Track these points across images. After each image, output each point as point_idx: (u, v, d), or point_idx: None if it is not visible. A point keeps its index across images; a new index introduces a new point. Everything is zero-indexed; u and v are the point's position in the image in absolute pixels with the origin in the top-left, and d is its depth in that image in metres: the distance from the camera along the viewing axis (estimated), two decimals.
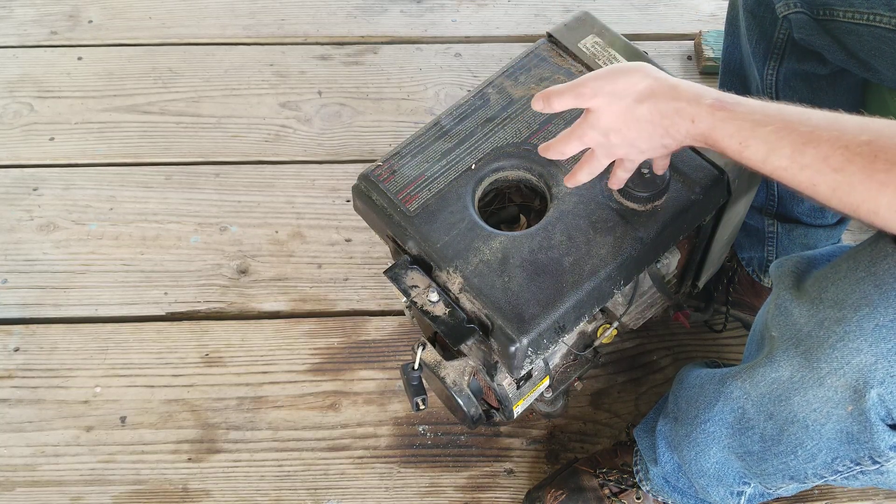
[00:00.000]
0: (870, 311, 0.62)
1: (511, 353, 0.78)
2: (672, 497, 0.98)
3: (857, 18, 0.86)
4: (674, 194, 0.85)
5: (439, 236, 0.83)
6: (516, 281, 0.80)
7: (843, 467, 0.72)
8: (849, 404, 0.66)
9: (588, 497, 1.03)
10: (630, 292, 0.93)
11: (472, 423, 0.96)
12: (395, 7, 1.75)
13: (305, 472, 1.14)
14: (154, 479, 1.14)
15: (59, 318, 1.30)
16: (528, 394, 0.94)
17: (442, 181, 0.87)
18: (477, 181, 0.87)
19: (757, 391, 0.75)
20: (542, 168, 0.87)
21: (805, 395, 0.69)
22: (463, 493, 1.12)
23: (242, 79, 1.62)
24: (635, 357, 1.24)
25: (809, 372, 0.68)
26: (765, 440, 0.77)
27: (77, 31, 1.72)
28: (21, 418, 1.19)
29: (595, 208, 0.84)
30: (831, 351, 0.65)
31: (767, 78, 1.00)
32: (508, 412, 0.94)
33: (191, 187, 1.46)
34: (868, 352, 0.63)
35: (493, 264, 0.81)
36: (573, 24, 0.98)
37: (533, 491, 1.07)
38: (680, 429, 0.89)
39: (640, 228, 0.83)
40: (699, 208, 0.86)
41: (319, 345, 1.26)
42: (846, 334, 0.64)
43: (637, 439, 1.00)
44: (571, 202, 0.85)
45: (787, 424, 0.73)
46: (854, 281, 0.64)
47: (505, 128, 0.91)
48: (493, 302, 0.79)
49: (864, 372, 0.63)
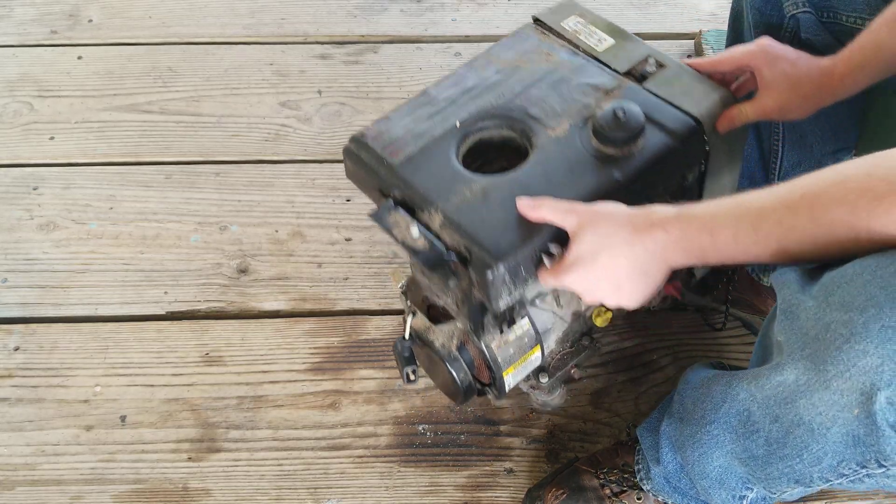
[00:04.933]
0: (876, 313, 0.62)
1: (488, 279, 0.78)
2: (673, 497, 0.98)
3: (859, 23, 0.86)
4: (651, 141, 0.87)
5: (422, 181, 0.86)
6: (495, 216, 0.82)
7: (849, 471, 0.72)
8: (855, 408, 0.66)
9: (589, 497, 1.02)
10: None
11: (463, 394, 0.95)
12: (395, 6, 1.75)
13: (305, 471, 1.14)
14: (154, 479, 1.14)
15: (59, 317, 1.30)
16: (518, 361, 0.93)
17: (427, 137, 0.90)
18: (461, 137, 0.90)
19: (762, 394, 0.75)
20: (524, 124, 0.90)
21: (811, 399, 0.69)
22: (463, 492, 1.12)
23: (242, 78, 1.62)
24: (635, 356, 1.24)
25: (816, 375, 0.68)
26: (770, 443, 0.76)
27: (77, 31, 1.72)
28: (21, 417, 1.19)
29: (573, 153, 0.87)
30: (837, 353, 0.65)
31: None
32: (499, 381, 0.93)
33: (191, 186, 1.46)
34: (874, 353, 0.62)
35: (472, 203, 0.83)
36: (557, 8, 1.03)
37: (533, 490, 1.07)
38: (685, 429, 0.89)
39: (616, 171, 0.85)
40: (676, 156, 0.87)
41: (319, 344, 1.26)
42: (852, 336, 0.63)
43: (640, 438, 1.00)
44: (551, 149, 0.87)
45: (792, 427, 0.73)
46: (860, 284, 0.64)
47: (490, 92, 0.93)
48: (470, 233, 0.81)
49: (870, 374, 0.63)
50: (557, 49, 0.98)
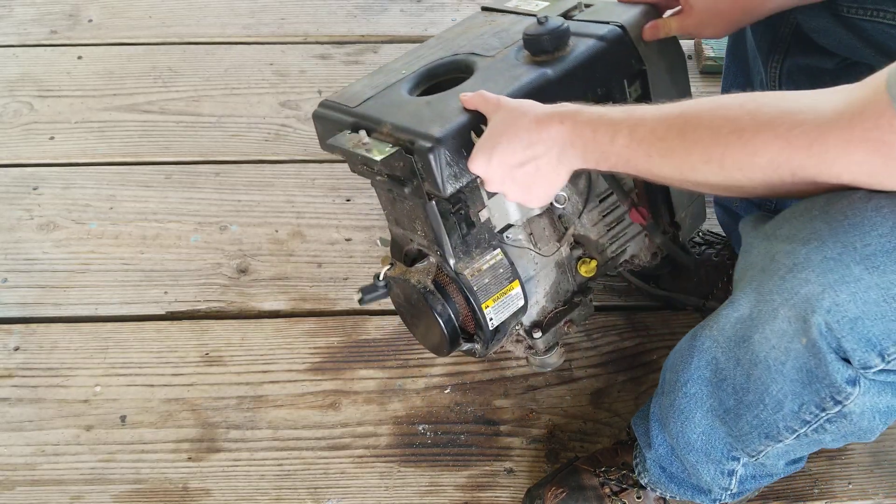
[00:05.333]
0: (819, 245, 0.64)
1: (430, 160, 0.84)
2: (669, 488, 0.98)
3: (861, 14, 0.86)
4: (580, 47, 0.93)
5: (375, 110, 0.94)
6: (435, 114, 0.89)
7: (811, 415, 0.73)
8: (802, 336, 0.67)
9: (588, 496, 1.03)
10: (585, 190, 1.00)
11: (447, 334, 0.95)
12: (395, 6, 1.75)
13: (305, 471, 1.14)
14: (154, 479, 1.14)
15: (59, 317, 1.31)
16: (496, 294, 0.95)
17: (382, 86, 0.99)
18: (413, 81, 0.99)
19: (724, 336, 0.77)
20: (468, 60, 0.98)
21: (763, 332, 0.71)
22: (463, 492, 1.12)
23: (242, 78, 1.62)
24: (635, 356, 1.24)
25: (764, 305, 0.70)
26: (737, 391, 0.78)
27: (77, 31, 1.72)
28: (21, 417, 1.19)
29: (509, 66, 0.93)
30: (781, 282, 0.67)
31: (771, 71, 1.00)
32: (479, 314, 0.94)
33: (191, 186, 1.46)
34: (816, 282, 0.64)
35: (417, 113, 0.91)
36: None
37: (533, 489, 1.07)
38: (665, 400, 0.90)
39: (548, 69, 0.91)
40: (606, 56, 0.93)
41: (319, 344, 1.26)
42: (795, 266, 0.66)
43: (634, 427, 1.01)
44: (490, 68, 0.95)
45: (752, 368, 0.74)
46: (807, 219, 0.67)
47: (440, 51, 1.03)
48: (412, 128, 0.87)
49: (811, 301, 0.65)
50: (500, 17, 1.07)
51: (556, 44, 0.92)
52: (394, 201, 0.97)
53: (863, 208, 0.63)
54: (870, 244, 0.62)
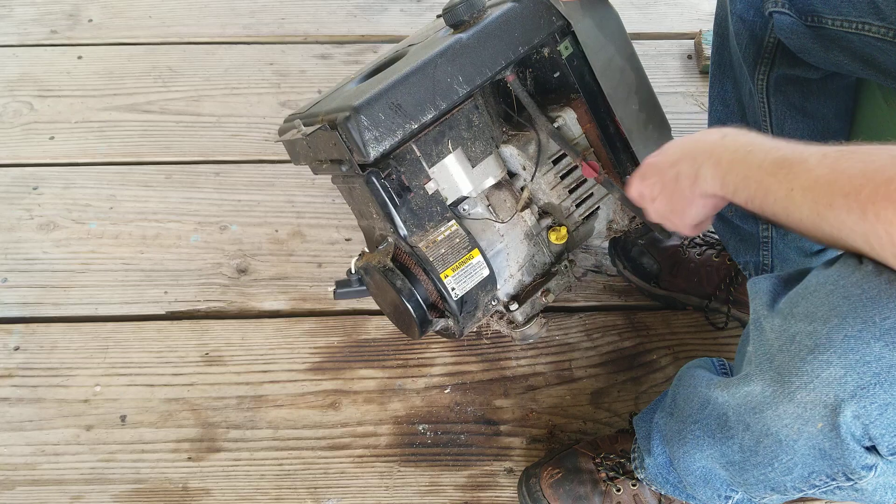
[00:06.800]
0: (839, 323, 0.62)
1: (349, 129, 0.87)
2: (665, 488, 0.98)
3: (846, 27, 0.85)
4: (496, 12, 0.96)
5: (318, 107, 0.99)
6: (360, 91, 0.92)
7: (820, 482, 0.72)
8: (819, 421, 0.66)
9: (584, 479, 1.03)
10: (535, 154, 1.02)
11: (411, 308, 0.95)
12: (395, 6, 1.75)
13: (305, 470, 1.14)
14: (154, 478, 1.14)
15: (59, 317, 1.31)
16: (455, 263, 0.96)
17: (332, 90, 1.06)
18: (358, 79, 1.04)
19: (735, 401, 0.76)
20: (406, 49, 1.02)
21: (776, 410, 0.69)
22: (463, 492, 1.12)
23: (242, 78, 1.62)
24: (635, 356, 1.24)
25: (780, 387, 0.68)
26: (744, 450, 0.77)
27: (77, 30, 1.72)
28: (21, 417, 1.19)
29: (432, 42, 0.97)
30: (801, 364, 0.65)
31: (759, 83, 0.99)
32: (439, 284, 0.95)
33: (191, 186, 1.46)
34: (837, 364, 0.62)
35: (347, 96, 0.94)
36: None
37: (530, 468, 1.08)
38: (673, 424, 0.90)
39: (463, 35, 0.94)
40: (522, 16, 0.96)
41: (319, 344, 1.26)
42: (816, 347, 0.63)
43: (635, 427, 1.01)
44: (416, 49, 0.99)
45: (762, 437, 0.73)
46: (823, 295, 0.64)
47: (389, 53, 1.07)
48: (335, 107, 0.91)
49: (833, 386, 0.63)
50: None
51: (471, 12, 0.95)
52: (350, 191, 1.00)
53: (876, 281, 0.61)
54: (888, 318, 0.60)
